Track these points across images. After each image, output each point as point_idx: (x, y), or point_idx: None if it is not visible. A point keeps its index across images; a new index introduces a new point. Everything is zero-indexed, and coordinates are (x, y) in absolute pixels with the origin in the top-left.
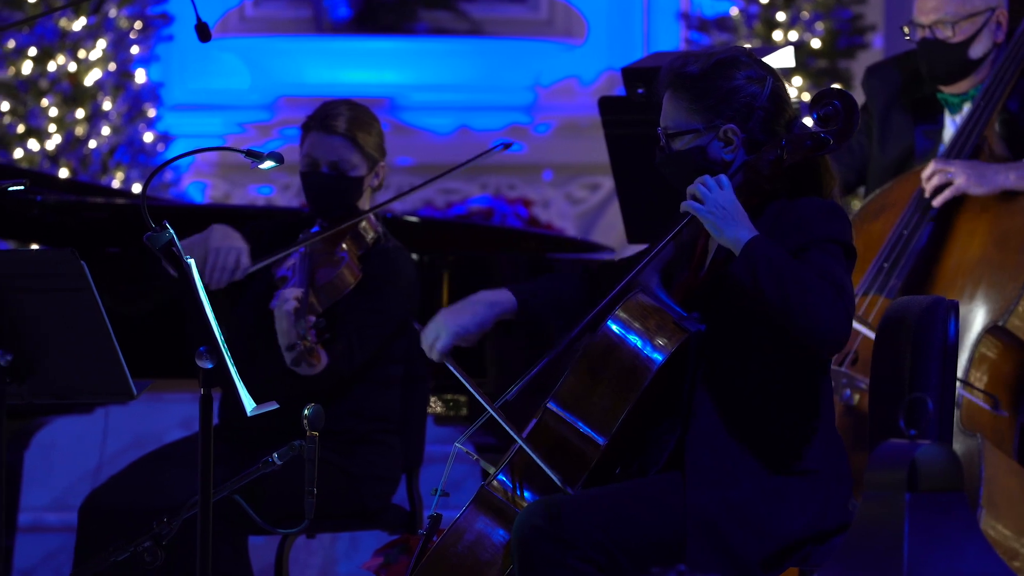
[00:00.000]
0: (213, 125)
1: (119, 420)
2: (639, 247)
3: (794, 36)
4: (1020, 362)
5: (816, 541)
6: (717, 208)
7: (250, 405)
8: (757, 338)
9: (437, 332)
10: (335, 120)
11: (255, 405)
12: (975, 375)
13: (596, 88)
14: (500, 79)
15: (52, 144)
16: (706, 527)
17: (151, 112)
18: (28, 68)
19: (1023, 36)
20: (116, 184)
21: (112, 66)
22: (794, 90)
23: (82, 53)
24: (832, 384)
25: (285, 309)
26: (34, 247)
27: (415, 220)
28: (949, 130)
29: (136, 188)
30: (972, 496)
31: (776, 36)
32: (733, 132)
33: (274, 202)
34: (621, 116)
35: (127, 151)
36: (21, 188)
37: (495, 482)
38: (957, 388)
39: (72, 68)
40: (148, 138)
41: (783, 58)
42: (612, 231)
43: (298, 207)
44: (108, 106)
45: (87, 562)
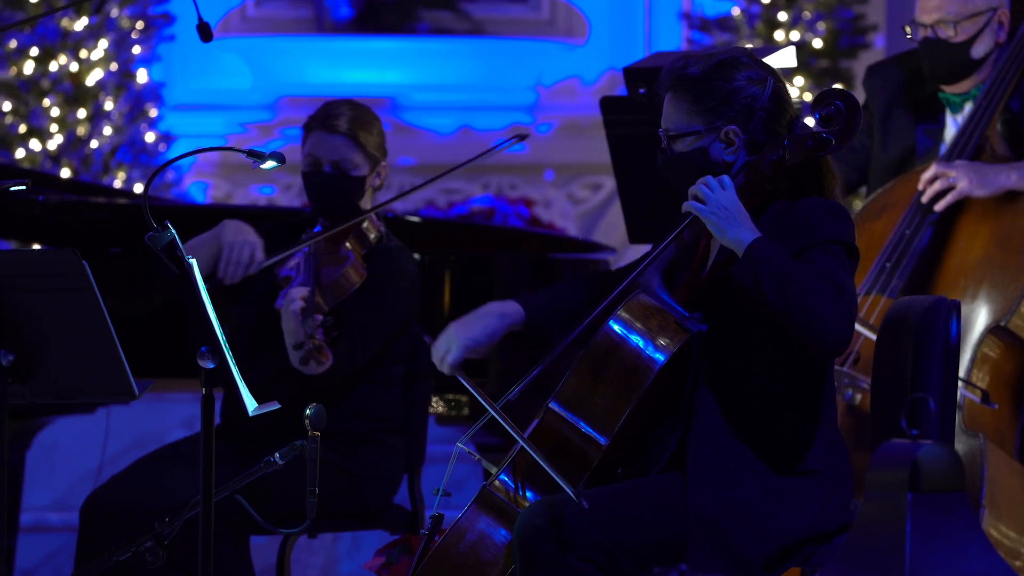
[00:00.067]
0: (215, 125)
1: (121, 420)
2: (641, 251)
3: (796, 36)
4: (1022, 362)
5: (818, 541)
6: (719, 208)
7: (252, 405)
8: (759, 339)
9: (448, 345)
10: (337, 120)
11: (257, 405)
12: (977, 375)
13: (598, 88)
14: (502, 79)
15: (54, 144)
16: (708, 527)
17: (153, 112)
18: (30, 68)
19: None
20: (118, 184)
21: (114, 66)
22: (796, 90)
23: (84, 53)
24: (834, 384)
25: (292, 308)
26: (36, 247)
27: (417, 220)
28: (950, 129)
29: (138, 188)
30: (974, 496)
31: (778, 36)
32: (735, 133)
33: (276, 202)
34: (623, 116)
35: (129, 151)
36: (23, 188)
37: (497, 482)
38: (959, 388)
39: (74, 68)
40: (150, 138)
41: (785, 58)
42: (614, 231)
43: (300, 207)
44: (110, 106)
45: (89, 562)
